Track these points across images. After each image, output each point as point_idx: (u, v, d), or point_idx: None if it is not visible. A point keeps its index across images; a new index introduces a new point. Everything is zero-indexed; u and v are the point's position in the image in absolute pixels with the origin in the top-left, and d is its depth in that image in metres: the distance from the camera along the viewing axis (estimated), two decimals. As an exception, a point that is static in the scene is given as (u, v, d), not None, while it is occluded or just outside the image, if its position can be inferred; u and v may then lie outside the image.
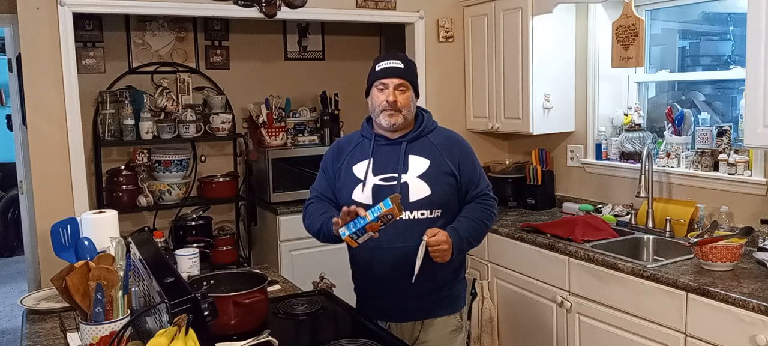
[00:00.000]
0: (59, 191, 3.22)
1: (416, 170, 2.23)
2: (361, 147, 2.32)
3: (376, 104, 2.25)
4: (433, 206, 2.22)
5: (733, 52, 3.32)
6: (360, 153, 2.31)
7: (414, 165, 2.24)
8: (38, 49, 3.15)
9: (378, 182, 2.24)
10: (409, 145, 2.26)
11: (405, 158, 2.24)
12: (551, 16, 3.62)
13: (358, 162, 2.29)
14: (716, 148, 3.09)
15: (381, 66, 2.25)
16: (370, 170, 2.25)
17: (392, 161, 2.25)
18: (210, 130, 4.19)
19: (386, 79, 2.23)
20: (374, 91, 2.26)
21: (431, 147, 2.28)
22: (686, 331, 2.52)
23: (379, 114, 2.24)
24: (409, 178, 2.22)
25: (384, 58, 2.28)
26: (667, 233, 3.17)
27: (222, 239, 4.23)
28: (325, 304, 2.25)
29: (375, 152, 2.28)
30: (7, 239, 7.38)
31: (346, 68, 4.83)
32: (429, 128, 2.31)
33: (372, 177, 2.25)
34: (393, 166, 2.24)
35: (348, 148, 2.36)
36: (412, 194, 2.20)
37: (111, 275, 1.80)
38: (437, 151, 2.27)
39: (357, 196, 2.25)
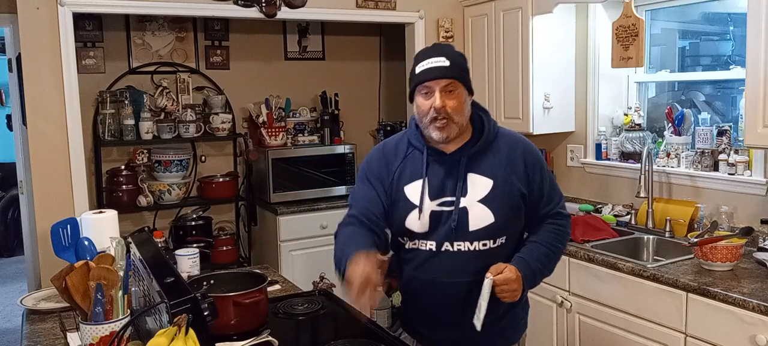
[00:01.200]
0: (59, 191, 3.22)
1: (477, 193, 1.88)
2: (411, 161, 1.95)
3: (422, 113, 1.87)
4: (498, 234, 1.89)
5: (733, 52, 3.32)
6: (411, 169, 1.94)
7: (475, 186, 1.88)
8: (38, 49, 3.14)
9: (435, 207, 1.89)
10: (468, 162, 1.90)
11: (464, 178, 1.89)
12: (551, 16, 3.62)
13: (410, 181, 1.93)
14: (716, 148, 3.09)
15: (422, 66, 1.85)
16: (426, 193, 1.90)
17: (450, 182, 1.89)
18: (210, 130, 4.19)
19: (430, 82, 1.83)
20: (418, 98, 1.87)
21: (495, 162, 1.91)
22: (686, 331, 2.52)
23: (427, 125, 1.86)
24: (469, 202, 1.87)
25: (425, 54, 1.88)
26: (667, 233, 3.17)
27: (222, 239, 4.23)
28: (325, 304, 2.25)
29: (429, 170, 1.91)
30: (7, 239, 7.37)
31: (346, 68, 4.83)
32: (491, 137, 1.93)
33: (428, 202, 1.89)
34: (451, 189, 1.89)
35: (395, 160, 1.97)
36: (473, 222, 1.87)
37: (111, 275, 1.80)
38: (502, 168, 1.90)
39: (412, 224, 1.91)
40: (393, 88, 4.93)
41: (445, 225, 1.89)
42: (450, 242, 1.89)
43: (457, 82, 1.85)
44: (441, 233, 1.89)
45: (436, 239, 1.90)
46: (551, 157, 4.03)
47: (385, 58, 4.97)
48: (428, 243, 1.91)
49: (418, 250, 1.93)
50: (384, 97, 4.99)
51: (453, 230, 1.88)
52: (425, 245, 1.92)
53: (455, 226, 1.87)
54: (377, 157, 2.01)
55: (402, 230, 1.95)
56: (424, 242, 1.92)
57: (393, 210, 1.95)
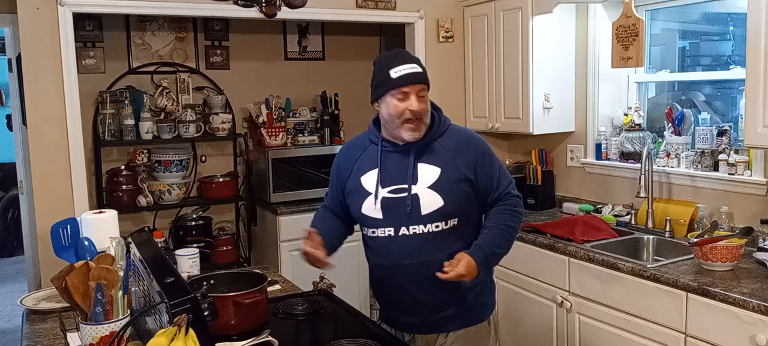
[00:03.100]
0: (59, 191, 3.22)
1: (426, 180, 2.06)
2: (369, 154, 2.16)
3: (394, 114, 2.03)
4: (448, 216, 2.07)
5: (733, 52, 3.32)
6: (368, 161, 2.15)
7: (424, 174, 2.06)
8: (38, 49, 3.14)
9: (387, 194, 2.08)
10: (417, 153, 2.09)
11: (414, 167, 2.07)
12: (551, 16, 3.62)
13: (367, 171, 2.13)
14: (716, 148, 3.09)
15: (400, 72, 2.02)
16: (378, 181, 2.09)
17: (400, 171, 2.08)
18: (210, 130, 4.19)
19: (408, 87, 2.01)
20: (391, 100, 2.03)
21: (442, 153, 2.09)
22: (686, 331, 2.52)
23: (399, 126, 2.04)
24: (420, 189, 2.05)
25: (398, 60, 2.05)
26: (667, 233, 3.17)
27: (222, 239, 4.23)
28: (325, 304, 2.25)
29: (383, 161, 2.11)
30: (7, 239, 7.37)
31: (346, 68, 4.83)
32: (439, 131, 2.12)
33: (381, 189, 2.08)
34: (401, 177, 2.07)
35: (356, 154, 2.20)
36: (424, 206, 2.04)
37: (111, 275, 1.80)
38: (449, 157, 2.09)
39: (368, 209, 2.11)
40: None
41: (399, 211, 2.07)
42: (406, 227, 2.07)
43: (426, 88, 2.07)
44: (396, 219, 2.07)
45: (392, 224, 2.08)
46: (551, 158, 4.03)
47: (385, 58, 4.96)
48: (387, 230, 2.09)
49: (378, 237, 2.12)
50: (384, 97, 4.98)
51: (408, 214, 2.05)
52: (384, 232, 2.10)
53: (410, 210, 2.05)
54: (342, 154, 2.28)
55: (361, 218, 2.15)
56: (383, 229, 2.10)
57: (352, 200, 2.17)
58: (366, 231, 2.17)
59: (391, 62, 2.06)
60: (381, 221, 2.09)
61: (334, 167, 2.27)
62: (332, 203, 2.29)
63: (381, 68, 2.08)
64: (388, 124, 2.09)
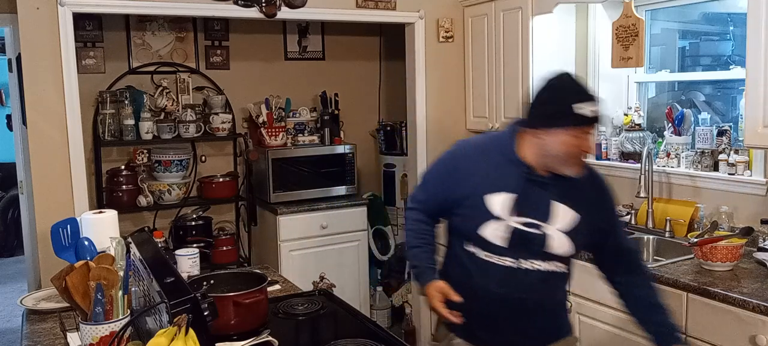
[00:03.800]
0: (59, 191, 3.22)
1: (562, 223, 1.90)
2: (502, 172, 1.92)
3: (562, 150, 1.83)
4: (567, 261, 1.98)
5: (733, 52, 3.32)
6: (500, 180, 1.91)
7: (560, 215, 1.90)
8: (38, 49, 3.14)
9: (519, 226, 1.89)
10: (559, 191, 1.90)
11: (553, 204, 1.90)
12: (551, 16, 3.62)
13: (497, 192, 1.90)
14: (716, 148, 3.09)
15: (587, 110, 1.80)
16: (513, 209, 1.89)
17: (538, 205, 1.89)
18: (210, 130, 4.19)
19: (589, 127, 1.84)
20: (567, 138, 1.82)
21: (581, 197, 1.92)
22: (686, 331, 2.52)
23: (563, 162, 1.85)
24: (553, 229, 1.89)
25: (584, 95, 1.83)
26: (667, 233, 3.17)
27: (222, 239, 4.23)
28: (325, 304, 2.25)
29: (522, 188, 1.90)
30: (7, 239, 7.38)
31: (346, 68, 4.83)
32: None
33: (511, 217, 1.89)
34: (538, 213, 1.89)
35: (481, 165, 1.95)
36: (552, 247, 1.91)
37: (111, 275, 1.80)
38: (588, 204, 1.93)
39: (490, 234, 1.90)
40: (393, 88, 4.93)
41: (526, 245, 1.90)
42: (526, 261, 1.92)
43: None
44: (520, 252, 1.91)
45: (515, 256, 1.91)
46: (551, 157, 4.03)
47: (385, 58, 4.97)
48: (507, 260, 1.92)
49: (494, 264, 1.93)
50: (384, 97, 4.99)
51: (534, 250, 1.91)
52: (502, 261, 1.92)
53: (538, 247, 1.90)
54: (460, 158, 2.00)
55: (475, 238, 1.93)
56: (503, 258, 1.92)
57: (466, 216, 1.95)
58: (474, 250, 1.96)
59: (575, 95, 1.82)
60: (504, 249, 1.91)
61: (449, 168, 2.01)
62: (433, 206, 2.04)
63: (562, 98, 1.83)
64: (549, 158, 1.87)
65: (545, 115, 1.86)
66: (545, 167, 1.90)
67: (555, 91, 1.87)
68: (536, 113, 1.89)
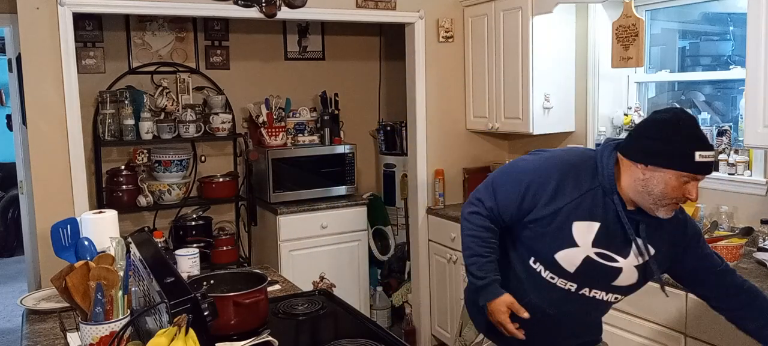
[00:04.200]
0: (59, 191, 3.22)
1: (637, 258, 1.84)
2: (594, 200, 1.82)
3: (666, 192, 1.74)
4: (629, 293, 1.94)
5: (733, 52, 3.32)
6: (588, 207, 1.82)
7: (636, 250, 1.84)
8: (38, 49, 3.14)
9: (594, 256, 1.82)
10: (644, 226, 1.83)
11: (634, 240, 1.83)
12: (551, 16, 3.62)
13: (583, 220, 1.81)
14: (716, 148, 3.09)
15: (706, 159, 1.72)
16: (593, 239, 1.82)
17: (619, 237, 1.82)
18: (210, 130, 4.19)
19: (701, 175, 1.75)
20: (675, 180, 1.73)
21: (663, 233, 1.86)
22: (686, 331, 2.52)
23: (662, 204, 1.76)
24: (627, 264, 1.84)
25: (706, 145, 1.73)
26: (667, 233, 3.17)
27: (222, 239, 4.23)
28: (325, 304, 2.25)
29: (606, 218, 1.82)
30: (7, 239, 7.37)
31: (346, 68, 4.83)
32: None
33: (590, 247, 1.82)
34: (617, 246, 1.82)
35: (573, 188, 1.83)
36: (620, 280, 1.86)
37: (111, 275, 1.80)
38: (667, 243, 1.87)
39: (564, 259, 1.84)
40: (393, 88, 4.93)
41: (594, 275, 1.85)
42: (589, 289, 1.89)
43: None
44: (586, 280, 1.86)
45: (579, 283, 1.87)
46: (551, 158, 4.03)
47: (385, 58, 4.97)
48: (570, 284, 1.88)
49: (555, 285, 1.89)
50: (384, 97, 4.99)
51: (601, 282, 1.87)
52: (565, 284, 1.88)
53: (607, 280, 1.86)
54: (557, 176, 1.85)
55: (547, 259, 1.86)
56: (566, 281, 1.87)
57: (544, 236, 1.85)
58: (538, 267, 1.89)
59: (698, 141, 1.72)
60: (570, 275, 1.86)
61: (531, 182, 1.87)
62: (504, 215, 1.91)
63: (685, 142, 1.72)
64: (648, 196, 1.77)
65: (662, 153, 1.74)
66: (639, 203, 1.81)
67: (679, 131, 1.74)
68: (650, 147, 1.76)
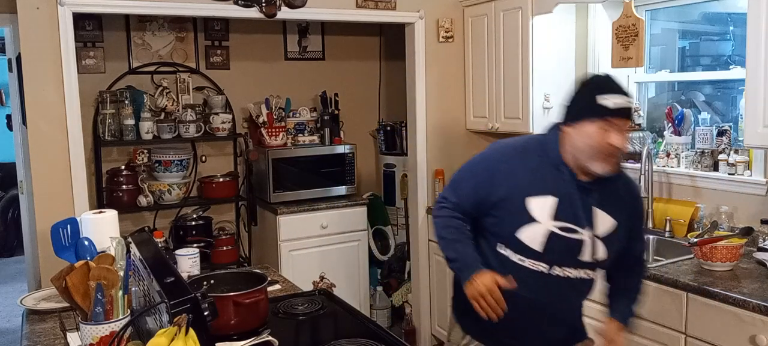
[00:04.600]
0: (59, 191, 3.22)
1: (601, 229, 1.90)
2: (544, 175, 1.90)
3: (588, 143, 1.82)
4: (602, 267, 1.98)
5: (733, 52, 3.32)
6: (543, 183, 1.89)
7: (599, 222, 1.89)
8: (38, 49, 3.14)
9: (557, 230, 1.87)
10: (600, 196, 1.89)
11: (593, 210, 1.89)
12: (551, 16, 3.62)
13: (538, 195, 1.88)
14: (716, 148, 3.09)
15: (614, 102, 1.80)
16: (551, 213, 1.87)
17: (579, 210, 1.88)
18: (210, 130, 4.19)
19: (620, 120, 1.81)
20: (594, 130, 1.81)
21: (620, 204, 1.93)
22: (686, 331, 2.52)
23: (593, 156, 1.83)
24: (591, 235, 1.89)
25: (612, 88, 1.83)
26: (667, 233, 3.17)
27: (222, 239, 4.23)
28: (325, 304, 2.25)
29: (564, 192, 1.88)
30: (7, 239, 7.38)
31: (346, 68, 4.83)
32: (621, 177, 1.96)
33: (551, 222, 1.87)
34: (579, 217, 1.88)
35: (522, 167, 1.92)
36: (587, 253, 1.90)
37: (111, 275, 1.80)
38: (625, 212, 1.94)
39: (526, 237, 1.88)
40: (393, 88, 4.93)
41: (562, 251, 1.89)
42: (560, 267, 1.91)
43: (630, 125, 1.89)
44: (555, 257, 1.90)
45: (549, 261, 1.90)
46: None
47: (385, 58, 4.97)
48: (540, 265, 1.90)
49: (526, 268, 1.91)
50: (384, 97, 4.99)
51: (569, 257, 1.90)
52: (535, 265, 1.91)
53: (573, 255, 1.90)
54: (498, 160, 1.96)
55: (511, 241, 1.91)
56: (537, 262, 1.90)
57: (504, 218, 1.91)
58: (506, 252, 1.94)
59: (603, 88, 1.83)
60: (538, 254, 1.89)
61: (488, 167, 1.97)
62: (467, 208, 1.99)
63: (590, 91, 1.85)
64: (579, 153, 1.86)
65: (576, 108, 1.87)
66: (580, 167, 1.88)
67: (583, 86, 1.90)
68: (569, 108, 1.90)
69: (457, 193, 2.00)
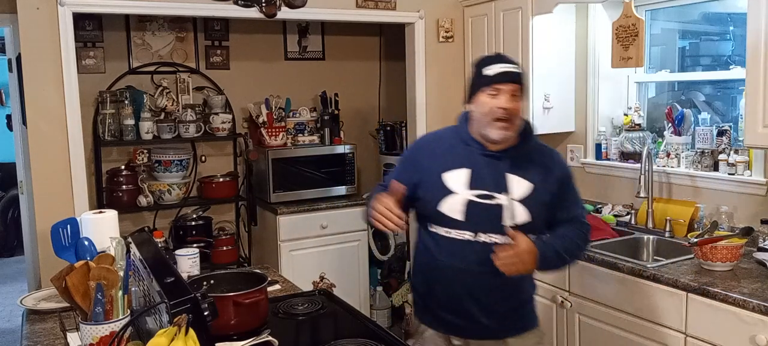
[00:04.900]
0: (59, 191, 3.22)
1: (517, 193, 2.02)
2: (456, 152, 2.09)
3: (484, 111, 2.00)
4: (528, 232, 2.02)
5: (733, 52, 3.32)
6: (455, 159, 2.07)
7: (515, 186, 2.02)
8: (38, 49, 3.14)
9: (474, 198, 2.02)
10: (511, 162, 2.04)
11: (508, 176, 2.03)
12: (551, 16, 3.62)
13: (452, 169, 2.06)
14: (716, 148, 3.09)
15: (495, 70, 2.00)
16: (466, 183, 2.04)
17: (492, 177, 2.03)
18: (210, 130, 4.19)
19: (502, 85, 1.99)
20: (483, 98, 2.01)
21: (534, 168, 2.06)
22: (686, 331, 2.52)
23: (487, 124, 2.01)
24: (509, 200, 2.02)
25: (495, 60, 2.04)
26: (667, 233, 3.17)
27: (222, 239, 4.23)
28: (325, 304, 2.25)
29: (475, 163, 2.05)
30: (7, 239, 7.38)
31: (346, 68, 4.83)
32: (533, 145, 2.11)
33: (467, 191, 2.03)
34: (493, 184, 2.02)
35: (439, 148, 2.13)
36: (509, 218, 2.02)
37: (111, 275, 1.80)
38: (540, 175, 2.06)
39: (448, 209, 2.03)
40: (393, 88, 4.93)
41: (483, 217, 2.02)
42: (485, 233, 2.03)
43: (520, 91, 2.03)
44: (478, 224, 2.03)
45: (472, 229, 2.03)
46: (551, 157, 4.03)
47: (385, 58, 4.97)
48: (465, 233, 2.03)
49: (453, 239, 2.05)
50: (384, 97, 4.99)
51: (491, 222, 2.01)
52: (461, 235, 2.04)
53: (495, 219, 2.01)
54: (421, 145, 2.22)
55: (435, 215, 2.06)
56: (462, 232, 2.03)
57: (426, 194, 2.08)
58: (436, 229, 2.09)
59: (489, 61, 2.04)
60: (461, 223, 2.03)
61: (409, 156, 2.21)
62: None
63: (477, 67, 2.07)
64: (478, 123, 2.05)
65: (469, 88, 2.10)
66: (485, 137, 2.04)
67: (474, 66, 2.11)
68: (467, 92, 2.13)
69: (387, 180, 2.21)
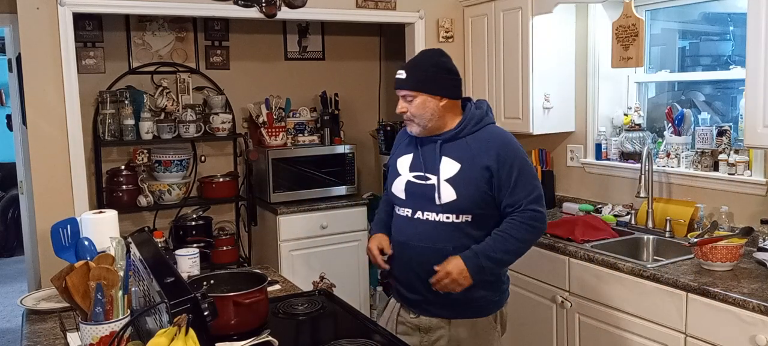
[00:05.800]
0: (59, 191, 3.22)
1: (446, 173, 2.22)
2: (408, 141, 2.39)
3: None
4: (460, 211, 2.21)
5: (733, 52, 3.32)
6: (405, 147, 2.39)
7: (445, 167, 2.23)
8: (38, 49, 3.14)
9: (412, 178, 2.30)
10: (443, 146, 2.26)
11: (439, 159, 2.24)
12: (551, 16, 3.62)
13: (403, 155, 2.37)
14: (716, 148, 3.09)
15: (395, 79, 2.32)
16: (408, 165, 2.33)
17: (428, 160, 2.28)
18: (210, 130, 4.19)
19: (397, 91, 2.31)
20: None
21: (466, 149, 2.23)
22: (686, 331, 2.52)
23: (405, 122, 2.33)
24: (438, 180, 2.23)
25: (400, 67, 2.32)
26: (667, 233, 3.17)
27: (222, 239, 4.23)
28: (325, 304, 2.25)
29: (417, 149, 2.33)
30: (7, 239, 7.38)
31: (346, 68, 4.83)
32: (470, 129, 2.25)
33: (408, 173, 2.31)
34: (426, 166, 2.27)
35: (402, 140, 2.44)
36: (439, 197, 2.22)
37: (111, 275, 1.80)
38: (471, 155, 2.22)
39: (396, 189, 2.34)
40: (393, 89, 4.92)
41: (418, 196, 2.27)
42: (421, 211, 2.27)
43: (413, 92, 2.23)
44: (415, 202, 2.29)
45: (411, 206, 2.30)
46: (551, 158, 4.03)
47: (385, 58, 4.97)
48: (406, 210, 2.32)
49: (399, 216, 2.35)
50: (384, 97, 4.99)
51: (425, 200, 2.25)
52: (404, 212, 2.32)
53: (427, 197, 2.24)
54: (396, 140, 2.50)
55: (392, 196, 2.39)
56: (404, 209, 2.32)
57: (389, 178, 2.42)
58: (395, 209, 2.39)
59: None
60: (403, 201, 2.31)
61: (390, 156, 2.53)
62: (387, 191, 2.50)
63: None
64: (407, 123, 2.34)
65: None
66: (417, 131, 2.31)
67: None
68: None
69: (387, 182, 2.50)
